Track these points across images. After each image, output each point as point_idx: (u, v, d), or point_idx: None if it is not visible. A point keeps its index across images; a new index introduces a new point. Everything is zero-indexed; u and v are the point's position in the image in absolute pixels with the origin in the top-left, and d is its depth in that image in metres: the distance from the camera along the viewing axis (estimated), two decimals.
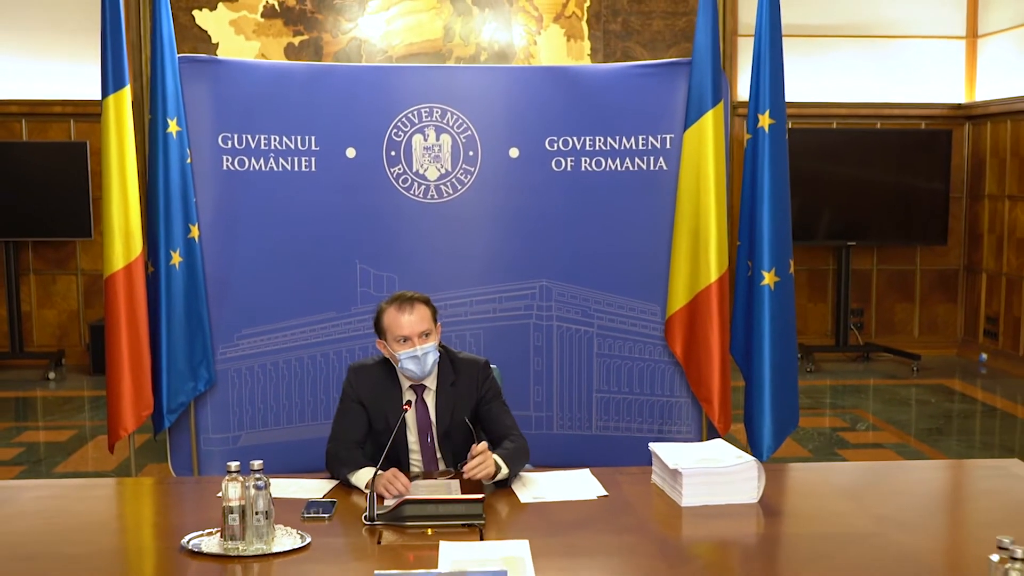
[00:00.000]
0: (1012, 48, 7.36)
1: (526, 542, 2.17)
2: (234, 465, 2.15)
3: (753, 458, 2.48)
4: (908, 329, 7.91)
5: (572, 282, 4.62)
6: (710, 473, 2.42)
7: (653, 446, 2.66)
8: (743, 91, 7.38)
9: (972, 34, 7.74)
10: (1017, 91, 7.19)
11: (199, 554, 2.14)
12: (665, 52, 7.52)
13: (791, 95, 7.46)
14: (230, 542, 2.12)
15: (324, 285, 4.55)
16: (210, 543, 2.17)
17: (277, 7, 7.45)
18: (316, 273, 4.52)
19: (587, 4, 7.65)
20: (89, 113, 7.37)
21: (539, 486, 2.65)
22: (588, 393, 4.68)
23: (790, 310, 4.22)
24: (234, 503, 2.12)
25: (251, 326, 4.51)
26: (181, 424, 4.37)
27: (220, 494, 2.18)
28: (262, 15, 7.45)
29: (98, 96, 7.36)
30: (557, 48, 7.66)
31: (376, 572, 1.89)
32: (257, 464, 2.15)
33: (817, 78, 7.69)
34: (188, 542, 2.18)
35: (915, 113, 7.72)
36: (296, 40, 7.47)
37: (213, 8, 7.38)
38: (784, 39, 4.27)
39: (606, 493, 2.58)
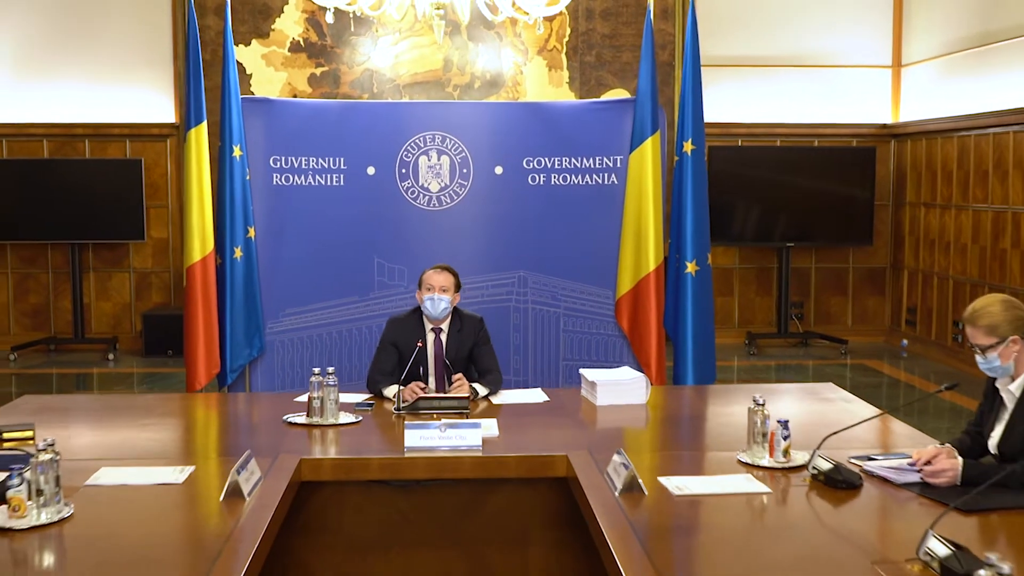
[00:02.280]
0: (931, 76, 8.59)
1: (494, 420, 3.45)
2: (317, 370, 3.44)
3: (642, 374, 3.76)
4: (842, 319, 9.17)
5: (543, 272, 5.89)
6: (615, 383, 3.71)
7: (583, 371, 3.95)
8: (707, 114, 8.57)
9: (897, 63, 9.00)
10: (934, 113, 8.41)
11: (294, 424, 3.42)
12: (633, 80, 8.74)
13: (742, 117, 8.81)
14: (314, 418, 3.40)
15: (349, 275, 5.82)
16: (300, 419, 3.45)
17: (301, 43, 8.73)
18: (343, 265, 5.79)
19: (566, 39, 8.91)
20: (142, 134, 8.64)
21: (507, 396, 3.95)
22: (556, 361, 5.93)
23: (709, 292, 5.50)
24: (316, 393, 3.39)
25: (293, 306, 5.79)
26: (238, 383, 5.62)
27: (298, 399, 3.43)
28: (288, 49, 8.72)
29: (150, 120, 8.78)
30: (540, 77, 8.93)
31: (406, 423, 3.18)
32: (331, 369, 3.43)
33: (763, 102, 8.93)
34: (286, 418, 3.46)
35: (847, 132, 8.97)
36: (318, 71, 8.75)
37: (247, 44, 8.64)
38: (734, 68, 5.54)
39: (549, 399, 3.87)
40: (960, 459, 2.71)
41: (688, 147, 5.48)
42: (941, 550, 2.06)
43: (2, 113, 8.53)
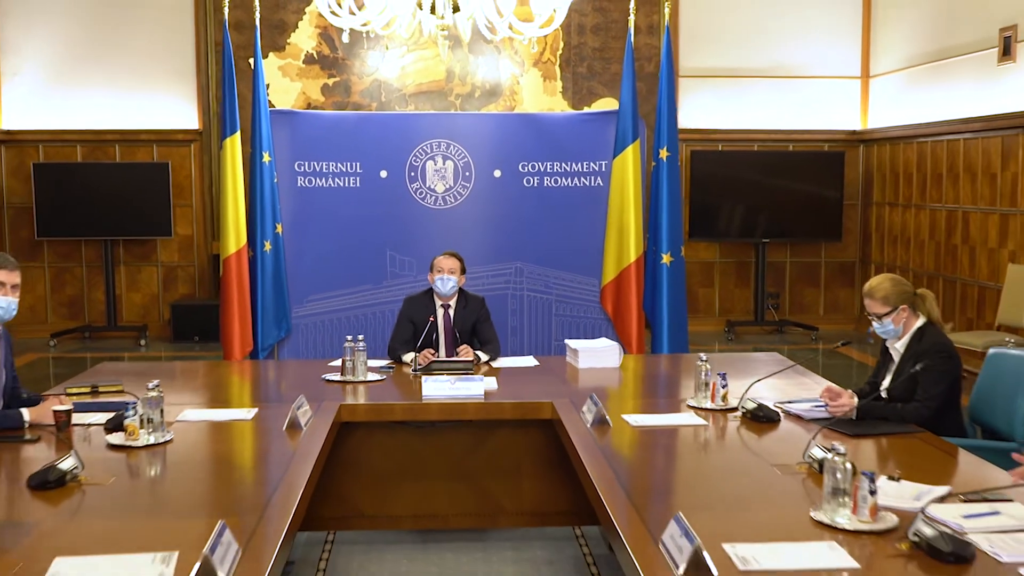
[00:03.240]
0: (897, 86, 9.34)
1: (494, 378, 4.20)
2: (350, 337, 4.18)
3: (616, 343, 4.52)
4: (815, 309, 9.92)
5: (537, 264, 6.64)
6: (593, 350, 4.46)
7: (567, 341, 4.71)
8: (685, 120, 9.34)
9: (865, 75, 9.75)
10: (898, 121, 9.14)
11: (331, 381, 4.16)
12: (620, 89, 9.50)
13: (722, 124, 9.58)
14: (347, 376, 4.15)
15: (364, 266, 6.57)
16: (335, 376, 4.19)
17: (315, 55, 9.47)
18: (359, 257, 6.53)
19: (559, 52, 9.67)
20: (168, 139, 9.38)
21: (504, 361, 4.70)
22: (549, 341, 6.68)
23: (682, 280, 6.25)
24: (349, 356, 4.14)
25: (315, 293, 6.54)
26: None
27: (332, 363, 4.18)
28: (303, 62, 9.47)
29: (176, 126, 9.53)
30: (536, 87, 9.68)
31: (423, 378, 3.93)
32: (361, 337, 4.18)
33: (743, 110, 9.68)
34: (324, 376, 4.21)
35: (819, 138, 9.73)
36: (330, 81, 9.50)
37: (265, 56, 9.38)
38: (715, 79, 6.29)
39: (539, 364, 4.63)
40: (856, 398, 3.47)
41: (664, 153, 6.23)
42: (819, 453, 2.81)
43: (39, 120, 9.27)
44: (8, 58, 9.20)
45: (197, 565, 2.03)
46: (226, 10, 6.15)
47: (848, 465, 2.42)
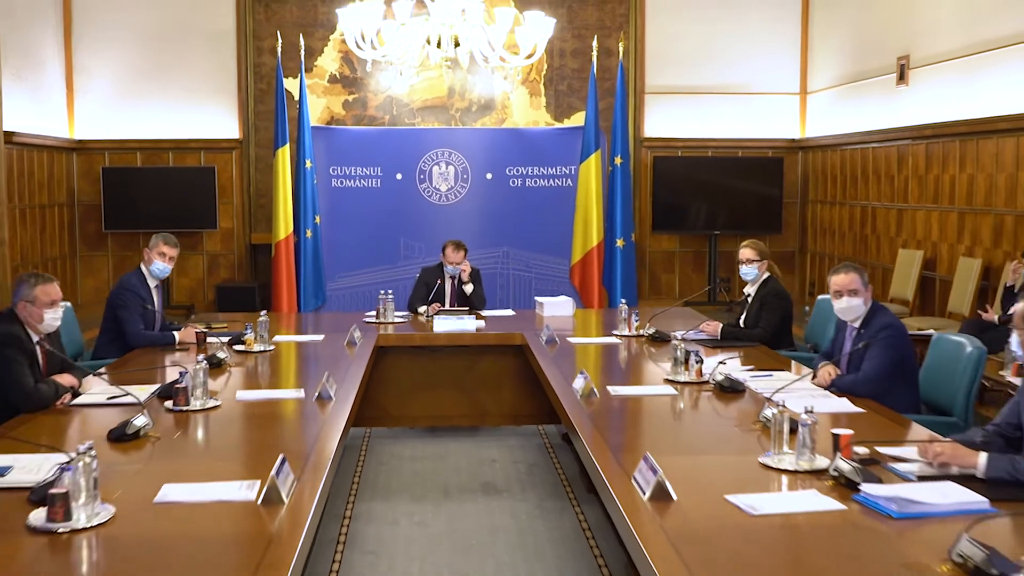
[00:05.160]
0: (829, 101, 11.04)
1: (483, 321, 5.96)
2: (382, 292, 5.93)
3: (570, 298, 6.29)
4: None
5: (520, 248, 8.42)
6: (553, 302, 6.24)
7: (536, 297, 6.46)
8: (650, 130, 11.07)
9: (803, 91, 11.46)
10: (829, 131, 10.86)
11: (369, 322, 5.91)
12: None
13: (681, 133, 11.33)
14: (380, 319, 5.89)
15: (383, 249, 8.34)
16: (372, 319, 5.94)
17: (337, 75, 11.19)
18: (378, 243, 8.31)
19: (543, 72, 11.38)
20: (213, 147, 11.09)
21: (489, 311, 6.44)
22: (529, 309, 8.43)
23: (632, 261, 8.00)
24: (382, 305, 5.88)
25: (344, 271, 8.31)
26: None
27: (368, 314, 5.93)
28: (328, 81, 11.18)
29: (220, 136, 11.23)
30: (523, 102, 11.39)
31: (434, 318, 5.68)
32: (390, 292, 5.92)
33: (700, 121, 11.37)
34: (364, 319, 5.96)
35: (764, 145, 11.43)
36: (350, 97, 11.22)
37: (296, 77, 11.10)
38: (677, 95, 8.03)
39: (514, 313, 6.38)
40: (721, 326, 5.19)
41: (618, 160, 8.00)
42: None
43: (106, 131, 10.97)
44: (81, 78, 10.92)
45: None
46: (279, 52, 7.90)
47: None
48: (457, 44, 7.64)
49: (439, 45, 7.70)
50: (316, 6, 10.89)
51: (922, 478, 2.85)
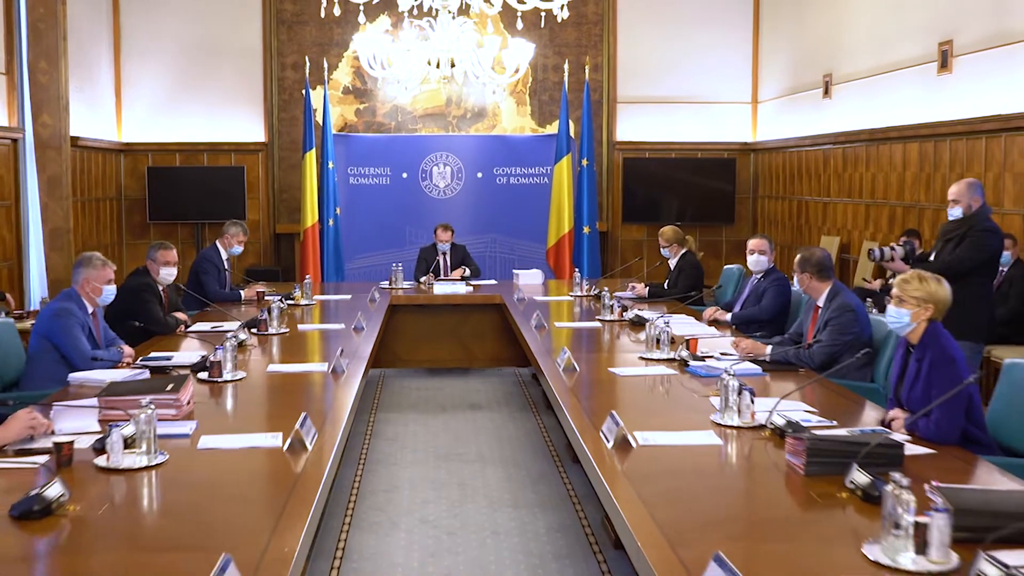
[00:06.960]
0: (775, 110, 12.72)
1: (472, 288, 7.70)
2: (394, 265, 7.65)
3: (540, 272, 8.01)
4: (716, 275, 13.29)
5: (505, 235, 10.15)
6: (527, 274, 7.97)
7: (514, 270, 8.19)
8: (622, 134, 12.77)
9: (754, 100, 13.15)
10: (775, 136, 12.54)
11: (383, 288, 7.63)
12: (574, 112, 12.88)
13: (648, 137, 13.04)
14: (392, 285, 7.62)
15: (391, 236, 10.07)
16: (386, 286, 7.66)
17: (350, 87, 12.88)
18: (387, 230, 10.04)
19: (529, 84, 13.07)
20: (242, 149, 12.77)
21: (477, 281, 8.16)
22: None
23: (596, 243, 9.73)
24: (393, 274, 7.60)
25: (360, 254, 10.04)
26: None
27: (383, 283, 7.67)
28: (342, 92, 12.87)
29: (248, 139, 12.95)
30: (511, 110, 13.08)
31: (434, 285, 7.42)
32: (400, 264, 7.64)
33: (665, 126, 13.04)
34: (379, 285, 7.68)
35: (720, 147, 13.10)
36: (361, 106, 12.91)
37: (315, 88, 12.80)
38: (645, 104, 9.79)
39: (496, 283, 8.13)
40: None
41: (585, 162, 9.71)
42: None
43: (150, 135, 12.63)
44: (128, 88, 12.61)
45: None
46: (306, 71, 9.60)
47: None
48: (453, 65, 9.25)
49: (438, 66, 9.31)
50: (332, 28, 12.57)
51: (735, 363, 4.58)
